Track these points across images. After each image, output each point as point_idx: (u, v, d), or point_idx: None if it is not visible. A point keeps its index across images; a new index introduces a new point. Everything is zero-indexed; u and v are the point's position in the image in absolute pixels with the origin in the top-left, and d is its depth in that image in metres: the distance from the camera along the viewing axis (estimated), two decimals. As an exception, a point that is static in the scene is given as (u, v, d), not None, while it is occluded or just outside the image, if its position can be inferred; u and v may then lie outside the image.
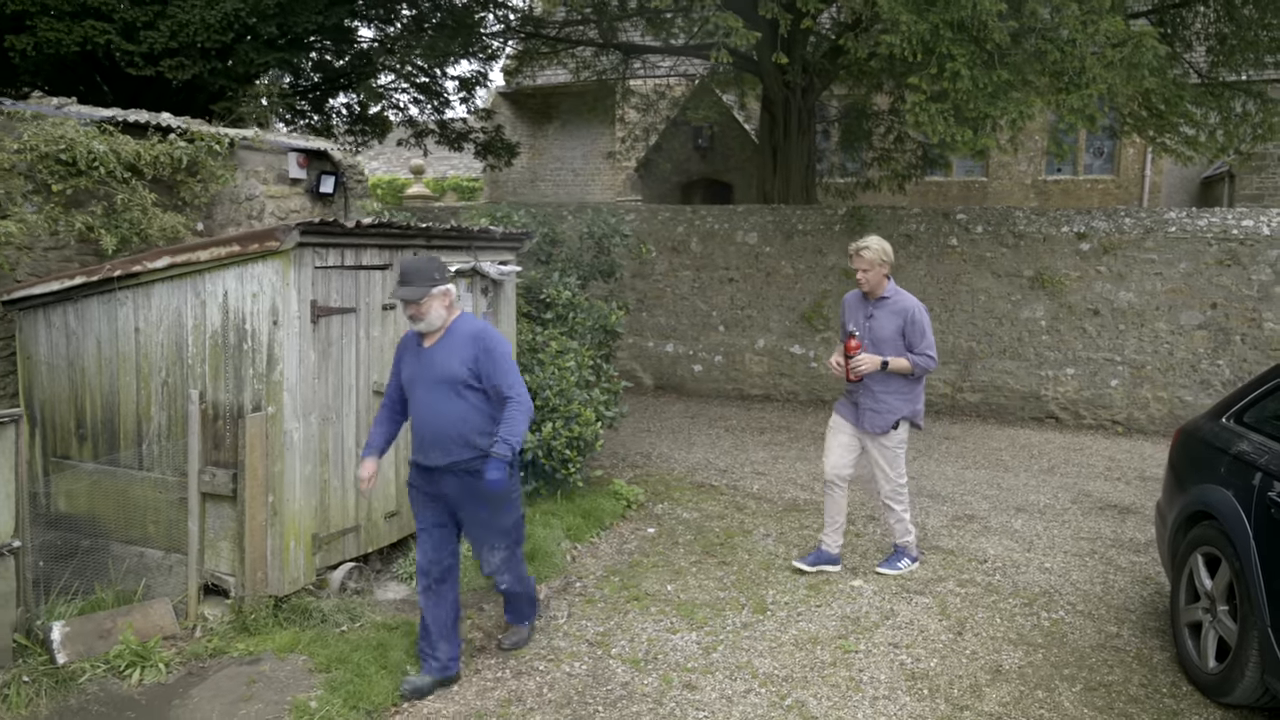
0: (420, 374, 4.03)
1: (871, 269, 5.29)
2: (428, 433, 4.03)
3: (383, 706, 3.92)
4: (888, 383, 5.33)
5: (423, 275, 3.95)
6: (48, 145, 5.14)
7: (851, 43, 8.75)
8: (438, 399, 3.98)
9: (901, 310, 5.32)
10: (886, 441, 5.44)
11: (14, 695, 3.78)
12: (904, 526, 5.64)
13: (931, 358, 5.31)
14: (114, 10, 10.21)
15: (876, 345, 5.33)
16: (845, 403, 5.60)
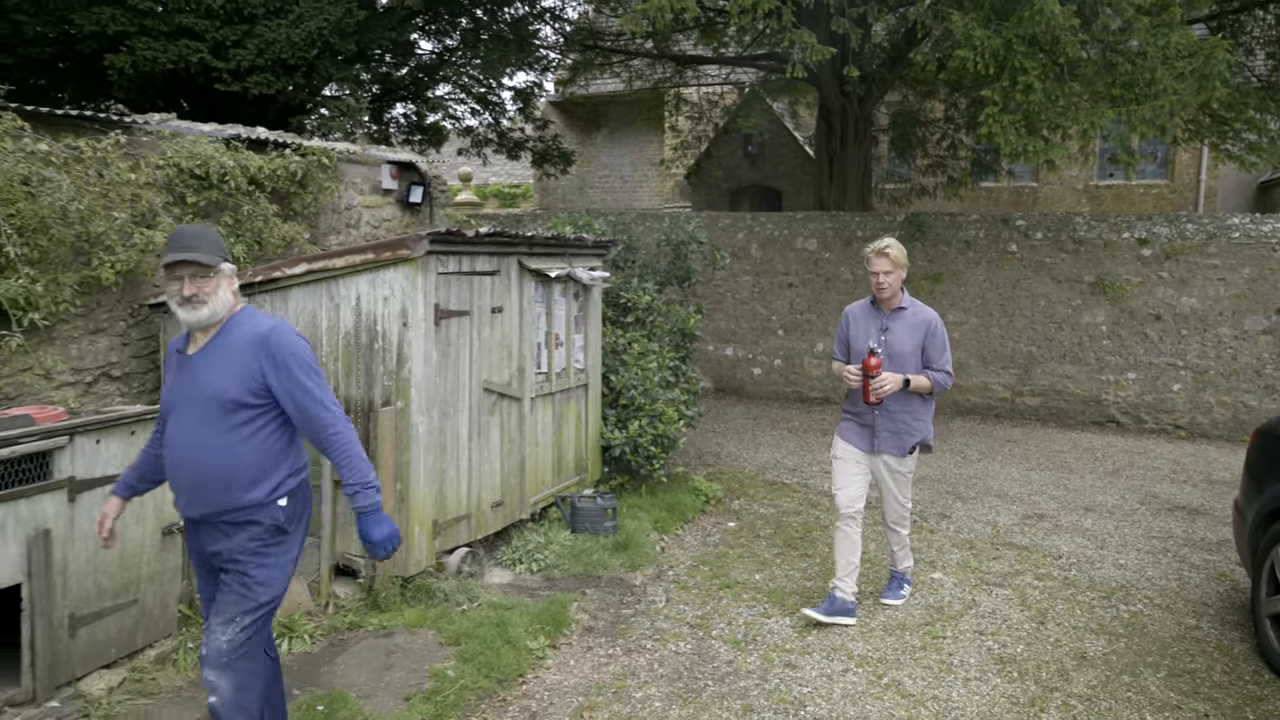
0: (181, 391, 3.01)
1: (894, 270, 4.76)
2: (184, 473, 3.01)
3: (511, 676, 4.26)
4: (907, 402, 4.87)
5: (211, 243, 2.99)
6: (186, 161, 5.56)
7: (919, 56, 8.99)
8: (199, 426, 2.97)
9: (923, 322, 4.84)
10: (902, 466, 4.98)
11: (181, 659, 4.17)
12: (907, 551, 5.33)
13: (950, 374, 4.86)
14: (206, 30, 10.74)
15: (894, 361, 4.79)
16: (853, 426, 5.03)
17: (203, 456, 2.96)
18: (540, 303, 6.04)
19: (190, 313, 2.94)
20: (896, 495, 5.08)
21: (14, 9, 10.68)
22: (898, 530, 5.21)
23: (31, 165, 4.67)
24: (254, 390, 2.97)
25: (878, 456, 4.96)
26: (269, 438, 3.03)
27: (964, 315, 11.50)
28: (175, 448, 3.01)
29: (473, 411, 5.38)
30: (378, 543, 3.13)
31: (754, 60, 15.15)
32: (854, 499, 4.96)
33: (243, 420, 2.97)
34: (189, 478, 2.99)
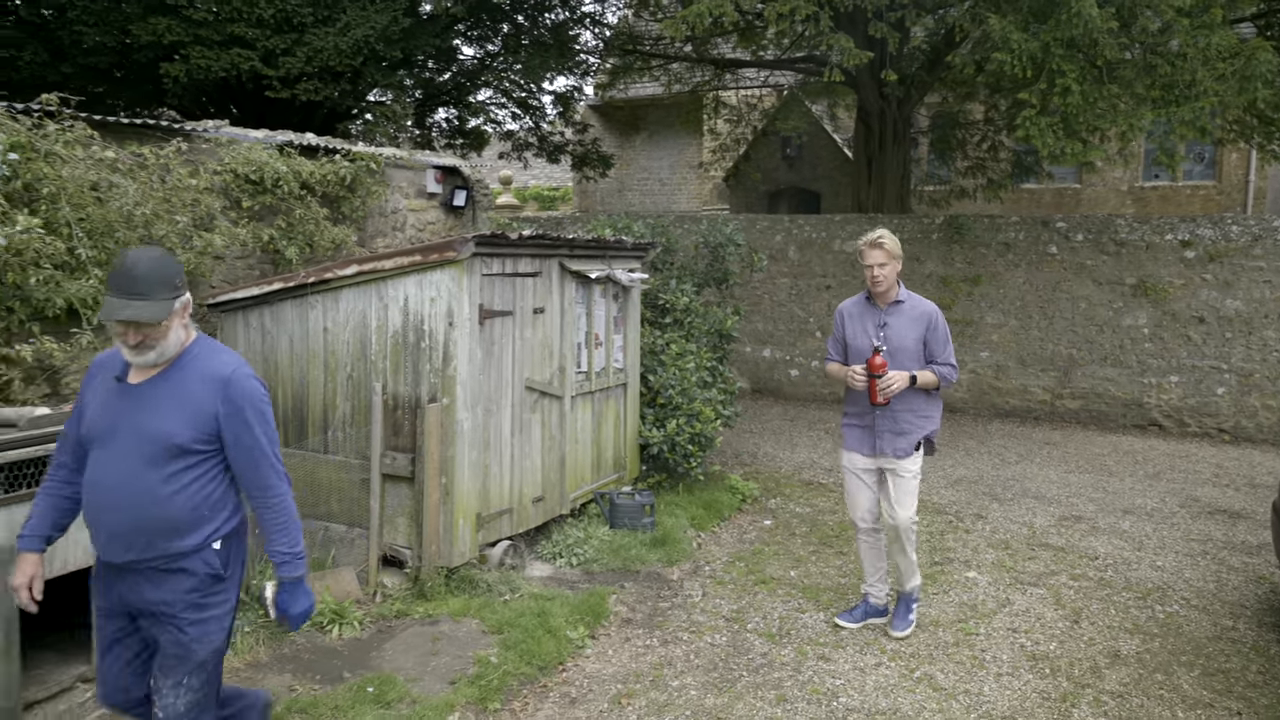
0: (115, 423, 2.72)
1: (890, 262, 4.54)
2: (111, 516, 2.72)
3: (552, 663, 4.40)
4: (910, 400, 4.62)
5: (162, 282, 2.68)
6: (242, 167, 5.80)
7: (958, 58, 9.02)
8: (136, 466, 2.70)
9: (923, 315, 4.63)
10: (907, 467, 4.66)
11: (239, 643, 4.37)
12: (914, 568, 4.91)
13: (954, 367, 4.64)
14: (257, 39, 11.07)
15: (895, 357, 4.57)
16: (854, 430, 4.79)
17: (136, 501, 2.68)
18: (581, 303, 6.19)
19: (138, 356, 2.70)
20: (900, 500, 4.69)
21: (76, 20, 11.09)
22: (903, 542, 4.78)
23: (100, 172, 4.92)
24: (204, 436, 2.75)
25: (881, 458, 4.71)
26: (209, 484, 2.79)
27: (1003, 317, 11.47)
28: (101, 487, 2.69)
29: (515, 409, 5.54)
30: (297, 616, 2.99)
31: (793, 63, 15.21)
32: (868, 511, 4.82)
33: (186, 466, 2.73)
34: (118, 521, 2.69)
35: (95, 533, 2.77)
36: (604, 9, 16.79)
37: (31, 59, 11.42)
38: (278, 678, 4.15)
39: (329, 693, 3.99)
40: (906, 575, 4.94)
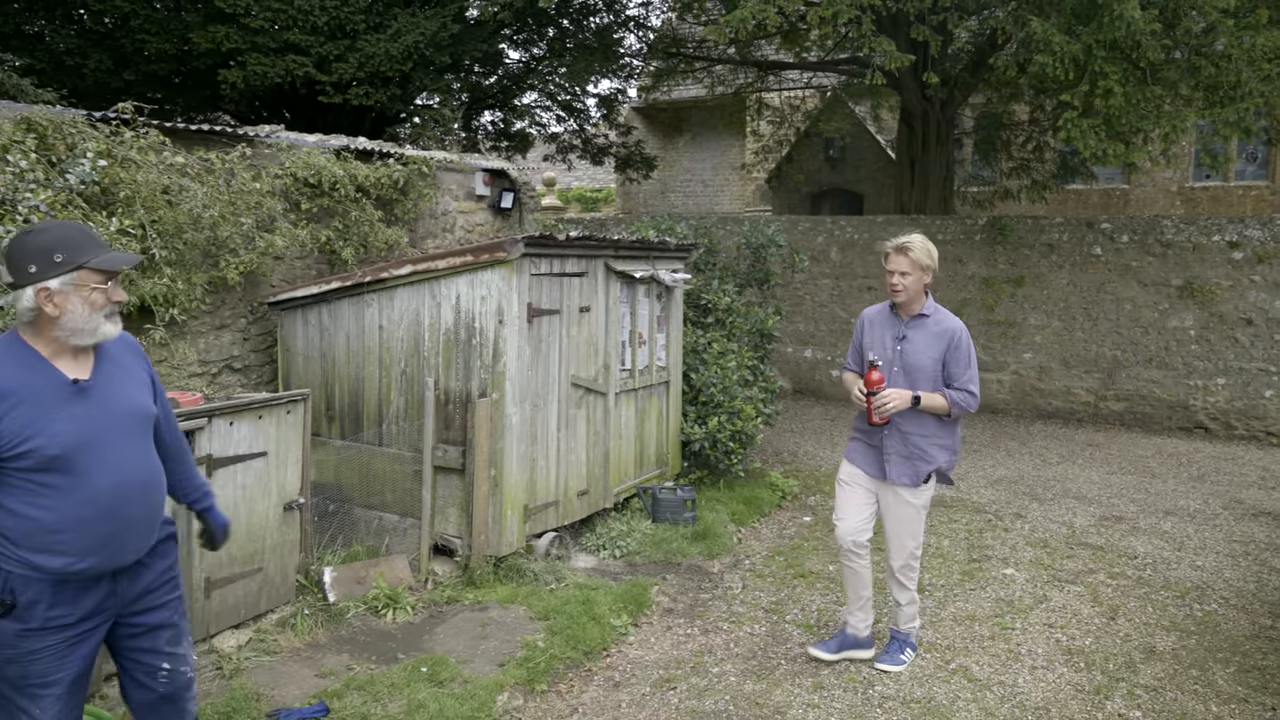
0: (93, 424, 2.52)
1: (913, 272, 4.14)
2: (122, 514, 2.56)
3: (596, 649, 4.57)
4: (922, 423, 4.21)
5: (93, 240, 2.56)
6: (302, 171, 6.05)
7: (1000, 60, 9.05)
8: (131, 453, 2.61)
9: (945, 332, 4.19)
10: (913, 498, 4.29)
11: (299, 624, 4.60)
12: (914, 609, 4.53)
13: (974, 395, 4.17)
14: (311, 46, 11.41)
15: (909, 375, 4.19)
16: (861, 446, 4.42)
17: (141, 485, 2.61)
18: (625, 303, 6.35)
19: (117, 325, 2.58)
20: (904, 534, 4.35)
21: (138, 29, 11.52)
22: (904, 582, 4.43)
23: (171, 176, 5.19)
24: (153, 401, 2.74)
25: (886, 484, 4.32)
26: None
27: (1046, 319, 11.44)
28: (106, 490, 2.51)
29: (561, 404, 5.72)
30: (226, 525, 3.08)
31: (836, 65, 15.26)
32: (855, 530, 4.38)
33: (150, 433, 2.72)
34: (129, 518, 2.57)
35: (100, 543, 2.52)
36: (648, 12, 16.96)
37: (96, 67, 11.87)
38: (335, 657, 4.37)
39: (385, 672, 4.20)
40: (905, 614, 4.52)
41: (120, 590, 2.64)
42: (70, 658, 2.53)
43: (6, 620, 2.44)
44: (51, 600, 2.47)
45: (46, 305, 2.44)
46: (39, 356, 2.47)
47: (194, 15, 11.67)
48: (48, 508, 2.44)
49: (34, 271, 2.42)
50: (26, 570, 2.45)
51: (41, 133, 4.60)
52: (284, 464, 4.62)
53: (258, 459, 4.47)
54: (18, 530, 2.45)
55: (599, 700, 4.13)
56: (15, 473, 2.43)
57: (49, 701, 2.49)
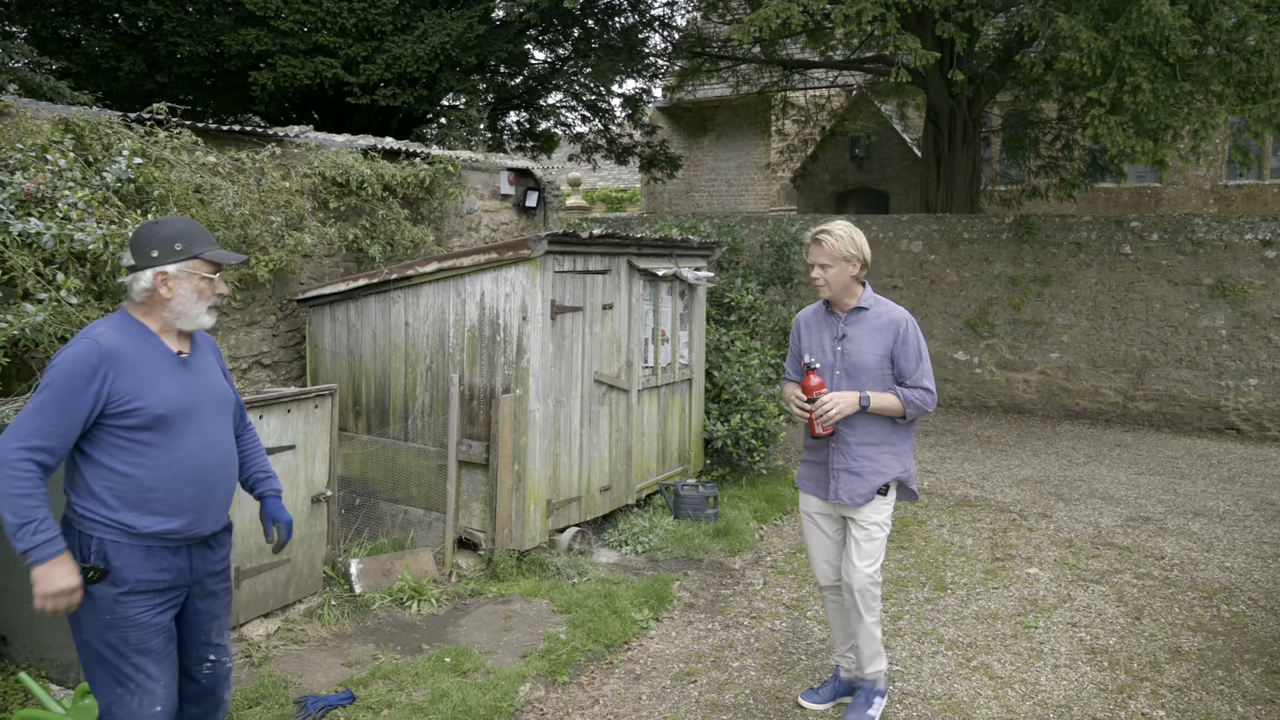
0: (194, 395, 2.73)
1: (833, 264, 3.60)
2: (211, 482, 2.76)
3: (618, 642, 4.61)
4: (869, 430, 3.71)
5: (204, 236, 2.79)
6: (330, 170, 6.15)
7: (1026, 57, 9.00)
8: (222, 431, 2.83)
9: (889, 325, 3.68)
10: (869, 515, 3.75)
11: (326, 614, 4.68)
12: (875, 646, 3.92)
13: (930, 391, 3.68)
14: (339, 47, 11.57)
15: (853, 377, 3.69)
16: (810, 465, 3.91)
17: (224, 456, 2.81)
18: (648, 300, 6.39)
19: (212, 316, 2.79)
20: (857, 555, 3.77)
21: (171, 32, 11.71)
22: (861, 613, 3.82)
23: (203, 175, 5.29)
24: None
25: (838, 505, 3.82)
26: None
27: (1074, 318, 11.35)
28: (197, 454, 2.69)
29: (584, 401, 5.77)
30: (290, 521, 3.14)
31: (861, 63, 15.22)
32: (829, 565, 3.98)
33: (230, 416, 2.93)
34: (213, 483, 2.75)
35: (196, 506, 2.69)
36: (673, 12, 17.00)
37: (130, 69, 12.10)
38: (362, 647, 4.44)
39: (409, 661, 4.27)
40: (866, 656, 3.93)
41: (195, 564, 2.77)
42: (160, 623, 2.67)
43: (103, 585, 2.57)
44: (141, 564, 2.61)
45: (162, 288, 2.66)
46: (149, 330, 2.69)
47: (225, 18, 11.86)
48: (144, 465, 2.61)
49: (156, 256, 2.66)
50: (118, 535, 2.59)
51: (79, 133, 4.71)
52: (312, 457, 4.70)
53: (286, 452, 4.55)
54: (113, 490, 2.59)
55: (620, 692, 4.17)
56: (118, 430, 2.59)
57: (150, 663, 2.64)
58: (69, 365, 2.51)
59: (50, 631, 3.78)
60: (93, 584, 2.56)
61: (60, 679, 3.78)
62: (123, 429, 2.58)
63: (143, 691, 2.63)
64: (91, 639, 2.60)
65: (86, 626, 2.59)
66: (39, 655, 3.83)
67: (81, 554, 2.57)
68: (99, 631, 2.58)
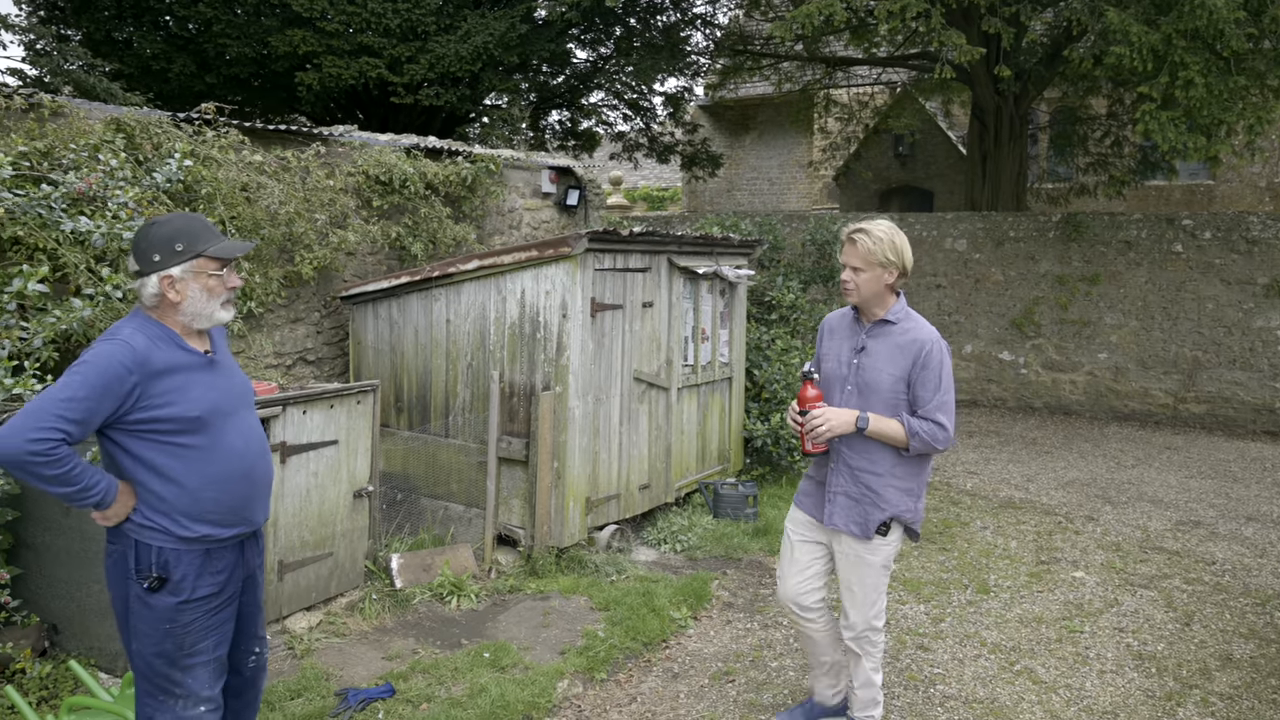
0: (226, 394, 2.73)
1: (866, 269, 3.26)
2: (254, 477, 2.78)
3: (656, 640, 4.61)
4: (873, 457, 3.33)
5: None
6: (373, 169, 6.21)
7: (1074, 52, 8.83)
8: (255, 427, 2.85)
9: (912, 345, 3.27)
10: (868, 553, 3.38)
11: (367, 608, 4.73)
12: (872, 693, 3.61)
13: (943, 428, 3.24)
14: (383, 48, 11.69)
15: (864, 395, 3.33)
16: (809, 485, 3.58)
17: (262, 451, 2.83)
18: (688, 299, 6.38)
19: (230, 311, 2.75)
20: (859, 596, 3.42)
21: (220, 34, 11.92)
22: (860, 658, 3.52)
23: (249, 174, 5.38)
24: None
25: (833, 533, 3.46)
26: None
27: (1122, 318, 11.12)
28: (239, 452, 2.71)
29: (623, 399, 5.77)
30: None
31: (905, 60, 15.04)
32: (797, 591, 3.58)
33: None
34: (258, 479, 2.79)
35: (244, 501, 2.72)
36: (715, 10, 16.94)
37: (180, 71, 12.34)
38: (402, 641, 4.49)
39: (449, 656, 4.30)
40: (860, 700, 3.62)
41: (247, 558, 2.81)
42: (215, 626, 2.69)
43: (163, 594, 2.58)
44: (200, 570, 2.63)
45: (169, 291, 2.60)
46: (173, 332, 2.64)
47: (272, 19, 12.04)
48: (193, 470, 2.61)
49: (158, 260, 2.59)
50: (177, 542, 2.60)
51: (130, 133, 4.81)
52: (354, 453, 4.76)
53: (329, 447, 4.61)
54: (168, 497, 2.59)
55: (658, 690, 4.17)
56: (160, 435, 2.58)
57: (200, 669, 2.66)
58: (103, 361, 2.48)
59: (99, 621, 3.87)
60: (153, 593, 2.58)
61: (109, 667, 3.86)
62: (163, 434, 2.58)
63: (188, 695, 2.65)
64: (145, 648, 2.61)
65: (143, 635, 2.60)
66: (88, 644, 3.93)
67: (141, 563, 2.58)
68: (157, 641, 2.60)
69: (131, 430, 2.55)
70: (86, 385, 2.44)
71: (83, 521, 3.84)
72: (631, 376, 5.81)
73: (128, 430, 2.55)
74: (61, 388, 2.44)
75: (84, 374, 2.45)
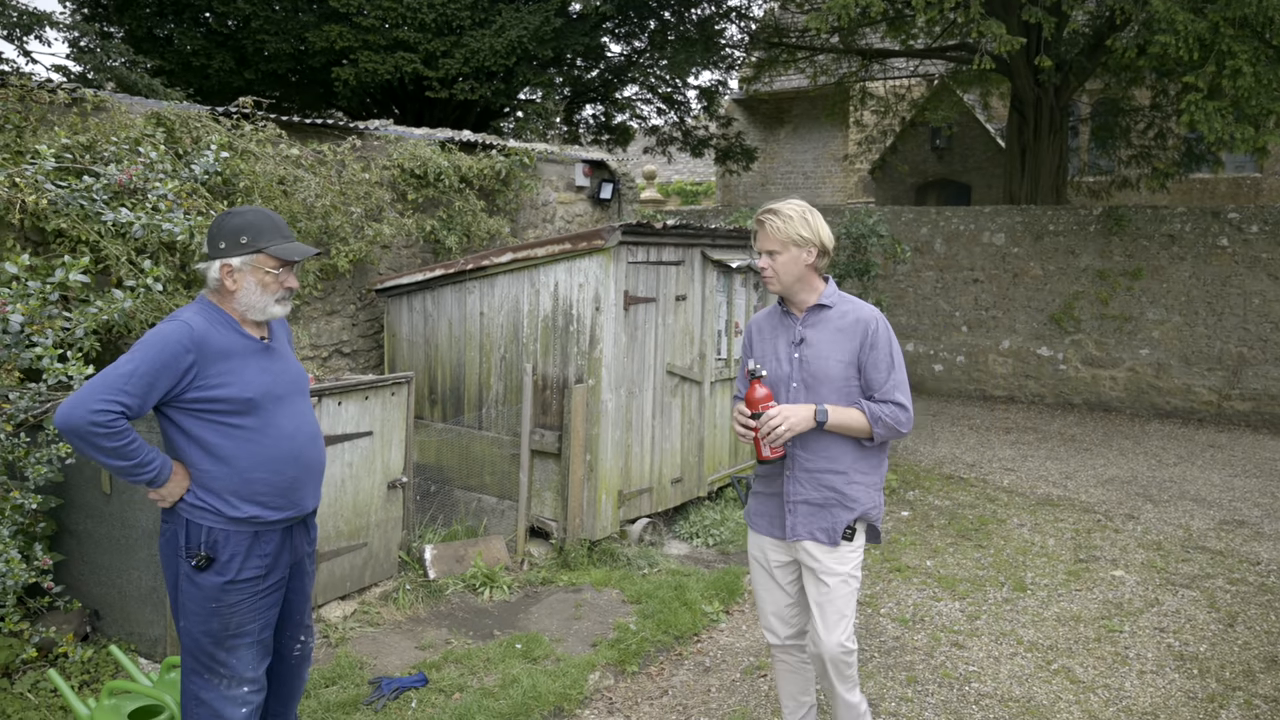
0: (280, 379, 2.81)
1: (783, 250, 3.00)
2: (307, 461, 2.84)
3: (687, 634, 4.60)
4: (831, 455, 3.03)
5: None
6: (408, 162, 6.25)
7: (1118, 42, 8.66)
8: (309, 412, 2.92)
9: (855, 325, 3.03)
10: (836, 563, 3.05)
11: (401, 598, 4.77)
12: (858, 711, 3.22)
13: (903, 408, 2.99)
14: (419, 42, 11.75)
15: (813, 389, 3.03)
16: (762, 501, 3.20)
17: (314, 437, 2.88)
18: (721, 292, 6.35)
19: (285, 307, 2.81)
20: (829, 613, 3.06)
21: (259, 30, 12.05)
22: (836, 680, 3.13)
23: (286, 167, 5.43)
24: None
25: (796, 545, 3.10)
26: None
27: (1165, 313, 10.91)
28: (290, 435, 2.77)
29: (656, 392, 5.76)
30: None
31: (943, 52, 14.85)
32: (778, 619, 3.27)
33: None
34: (309, 464, 2.83)
35: (296, 486, 2.77)
36: (749, 2, 16.84)
37: (220, 67, 12.49)
38: (435, 631, 4.52)
39: (481, 647, 4.32)
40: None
41: (295, 544, 2.87)
42: (261, 609, 2.75)
43: (210, 574, 2.65)
44: (247, 551, 2.69)
45: (227, 279, 2.70)
46: (231, 318, 2.73)
47: (309, 15, 12.15)
48: (245, 451, 2.68)
49: (223, 248, 2.71)
50: (227, 523, 2.66)
51: (170, 127, 4.88)
52: (388, 444, 4.79)
53: (364, 438, 4.65)
54: (219, 478, 2.66)
55: (689, 684, 4.16)
56: (214, 416, 2.66)
57: (244, 650, 2.73)
58: (163, 340, 2.57)
59: (139, 606, 3.94)
60: (200, 572, 2.64)
61: (148, 653, 3.93)
62: (217, 413, 2.65)
63: (232, 674, 2.71)
64: (192, 626, 2.68)
65: (191, 614, 2.67)
66: (129, 629, 3.99)
67: (190, 542, 2.65)
68: (203, 619, 2.66)
69: (187, 409, 2.65)
70: (147, 362, 2.54)
71: (124, 509, 3.91)
72: (664, 370, 5.80)
73: (184, 408, 2.65)
74: (123, 364, 2.54)
75: (145, 351, 2.56)
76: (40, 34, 10.60)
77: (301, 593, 2.95)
